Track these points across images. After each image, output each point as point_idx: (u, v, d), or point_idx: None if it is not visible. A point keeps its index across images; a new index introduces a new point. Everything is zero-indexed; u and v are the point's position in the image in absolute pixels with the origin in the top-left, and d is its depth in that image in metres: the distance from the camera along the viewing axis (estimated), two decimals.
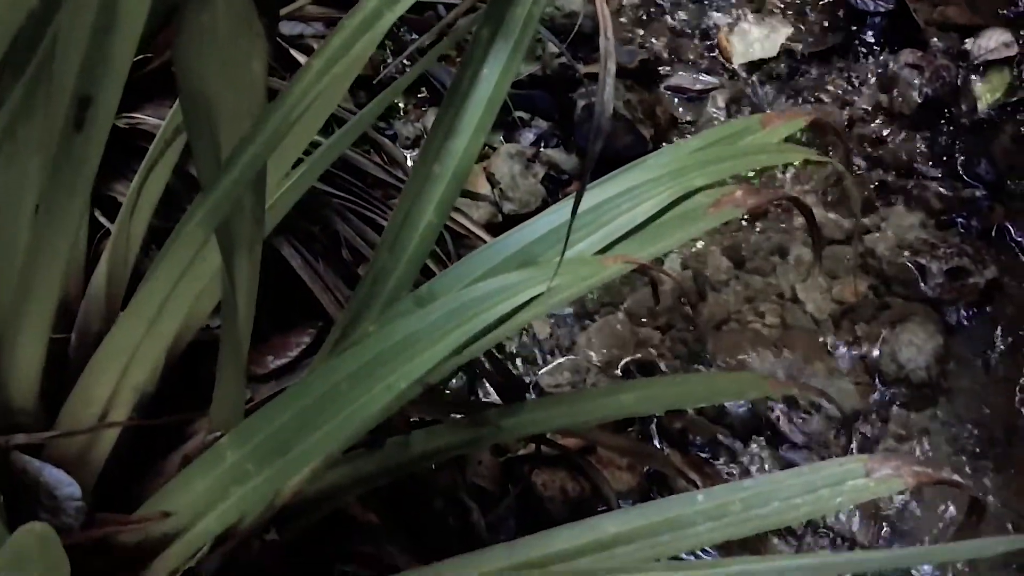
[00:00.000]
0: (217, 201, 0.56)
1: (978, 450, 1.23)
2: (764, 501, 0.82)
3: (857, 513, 1.18)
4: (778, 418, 1.25)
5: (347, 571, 0.89)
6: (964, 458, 1.22)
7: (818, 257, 0.97)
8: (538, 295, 0.69)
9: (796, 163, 1.51)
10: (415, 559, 0.92)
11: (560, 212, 0.78)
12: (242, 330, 0.67)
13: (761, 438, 1.24)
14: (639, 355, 1.30)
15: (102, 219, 0.85)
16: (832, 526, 1.18)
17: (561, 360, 1.29)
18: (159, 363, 0.71)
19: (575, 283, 0.82)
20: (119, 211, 0.80)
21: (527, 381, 1.26)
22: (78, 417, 0.67)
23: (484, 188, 1.37)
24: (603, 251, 0.74)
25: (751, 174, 1.46)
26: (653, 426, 1.24)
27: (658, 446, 1.21)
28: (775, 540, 1.17)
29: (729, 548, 0.93)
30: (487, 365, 1.01)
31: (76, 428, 0.66)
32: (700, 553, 1.05)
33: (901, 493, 1.17)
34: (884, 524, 1.16)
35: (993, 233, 1.40)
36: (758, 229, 1.45)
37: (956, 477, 0.86)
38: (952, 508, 1.17)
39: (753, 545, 1.03)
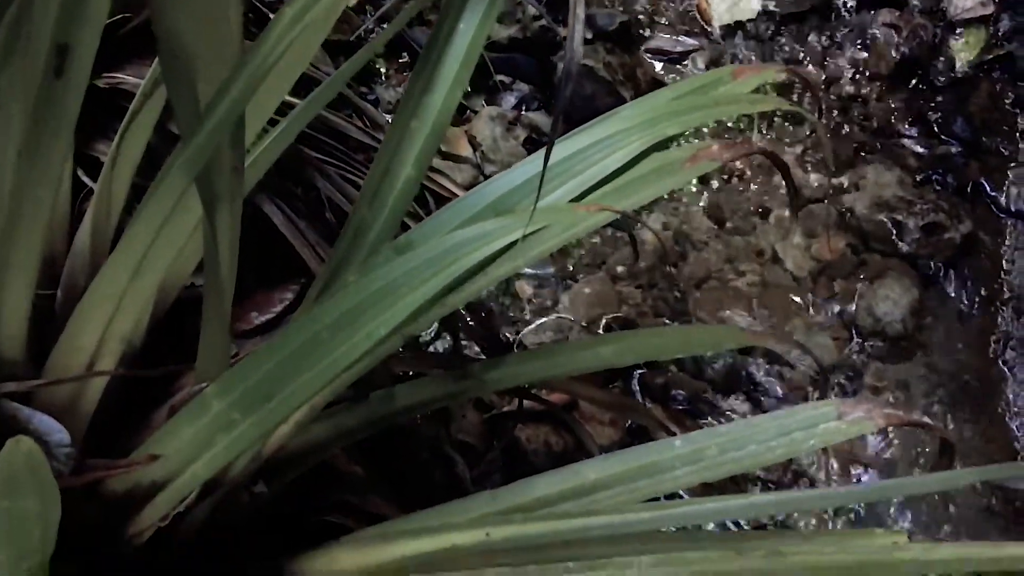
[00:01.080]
0: (196, 149, 0.57)
1: (953, 400, 1.25)
2: (740, 445, 0.85)
3: (836, 466, 1.21)
4: (758, 373, 1.27)
5: (333, 521, 0.91)
6: (939, 408, 1.25)
7: (794, 210, 0.99)
8: (515, 243, 0.71)
9: (776, 125, 1.52)
10: (401, 509, 0.94)
11: (535, 163, 0.79)
12: (225, 281, 0.68)
13: (741, 393, 1.27)
14: (621, 313, 1.32)
15: (85, 179, 0.86)
16: (813, 477, 1.20)
17: (544, 320, 1.31)
18: (144, 314, 0.72)
19: (552, 232, 0.84)
20: (102, 170, 0.81)
21: (511, 340, 1.28)
22: (65, 366, 0.68)
23: (466, 151, 1.38)
24: (578, 199, 0.75)
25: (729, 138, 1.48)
26: (635, 382, 1.26)
27: (640, 401, 1.23)
28: (756, 490, 1.20)
29: (708, 492, 0.95)
30: (469, 320, 1.02)
31: (64, 377, 0.68)
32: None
33: (876, 435, 1.20)
34: (861, 475, 1.19)
35: (969, 189, 1.43)
36: (739, 190, 1.46)
37: (926, 419, 0.89)
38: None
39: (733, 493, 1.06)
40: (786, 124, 1.50)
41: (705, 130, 1.46)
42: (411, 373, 0.97)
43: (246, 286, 0.94)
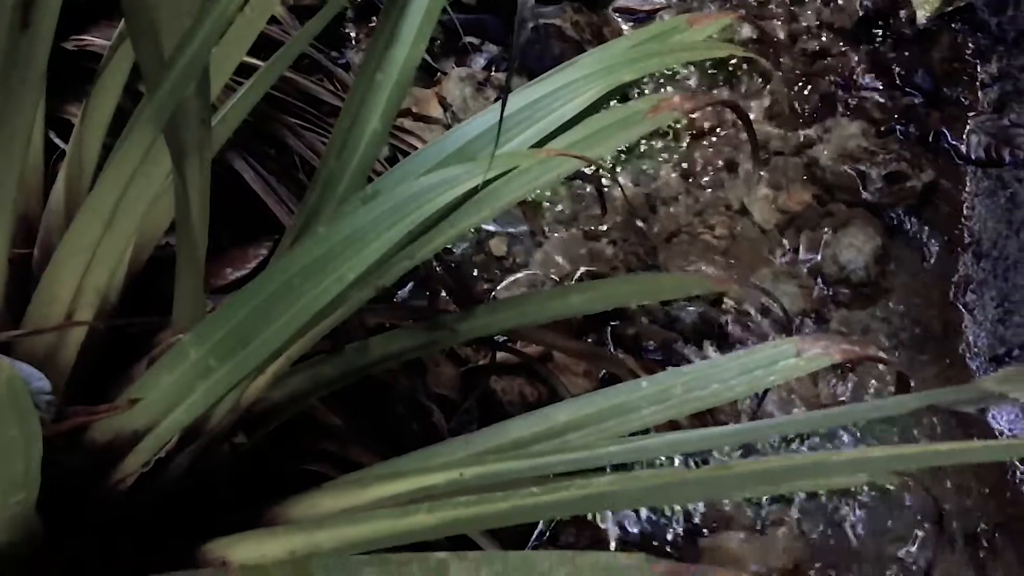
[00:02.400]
0: (162, 100, 0.59)
1: (916, 344, 1.29)
2: (703, 384, 0.88)
3: (802, 407, 1.24)
4: (727, 322, 1.31)
5: (313, 470, 0.93)
6: (903, 351, 1.28)
7: (755, 159, 1.01)
8: (477, 191, 0.73)
9: (743, 81, 1.54)
10: (379, 458, 0.96)
11: (496, 112, 0.81)
12: (197, 232, 0.70)
13: (711, 342, 1.30)
14: (593, 268, 1.34)
15: (57, 140, 0.88)
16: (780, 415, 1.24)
17: (518, 276, 1.33)
18: (119, 267, 0.74)
19: (519, 183, 0.86)
20: (73, 131, 0.83)
21: (485, 296, 1.30)
22: (43, 318, 0.70)
23: (436, 112, 1.40)
24: (539, 146, 0.78)
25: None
26: (608, 334, 1.29)
27: (613, 351, 1.26)
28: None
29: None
30: (439, 270, 1.05)
31: (43, 327, 0.70)
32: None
33: (843, 382, 1.24)
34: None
35: (930, 139, 1.46)
36: (708, 145, 1.49)
37: (881, 354, 0.92)
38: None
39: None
40: (753, 79, 1.52)
41: (670, 88, 1.48)
42: (386, 326, 0.99)
43: (220, 244, 0.96)
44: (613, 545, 1.15)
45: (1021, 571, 1.12)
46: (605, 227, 1.39)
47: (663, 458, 0.98)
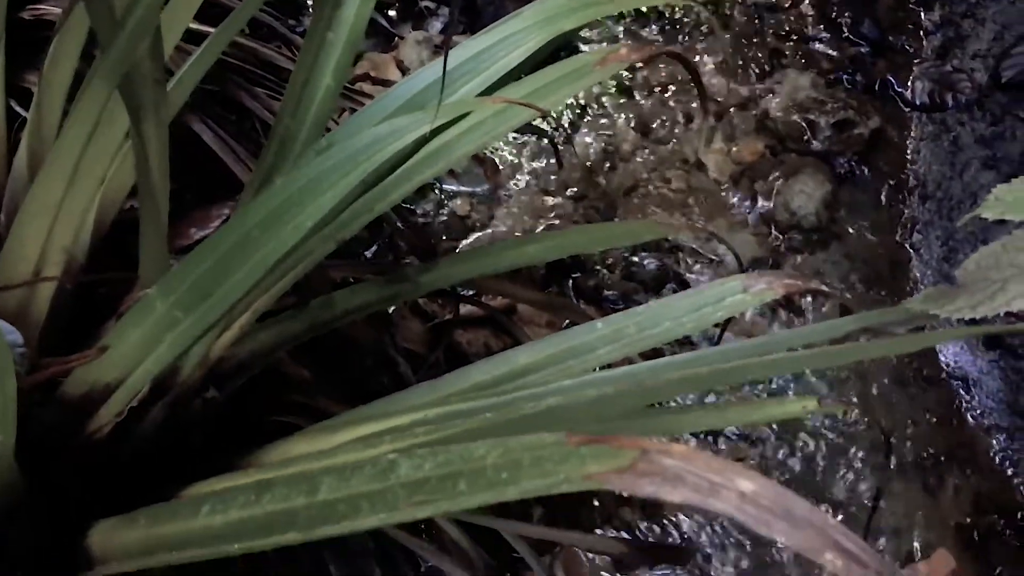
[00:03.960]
0: (116, 56, 0.62)
1: (866, 284, 1.34)
2: (656, 322, 0.91)
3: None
4: (684, 272, 1.35)
5: (283, 421, 0.97)
6: (853, 292, 1.33)
7: (704, 109, 1.05)
8: (426, 142, 0.76)
9: (694, 36, 1.58)
10: (348, 407, 1.00)
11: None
12: (157, 188, 0.73)
13: (670, 290, 1.34)
14: (555, 223, 1.38)
15: (19, 109, 0.90)
16: None
17: (480, 234, 1.36)
18: (84, 225, 0.77)
19: (472, 137, 0.89)
20: (33, 98, 0.85)
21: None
22: (12, 275, 0.73)
23: (395, 76, 1.42)
24: (484, 94, 0.81)
25: None
26: (569, 286, 1.33)
27: (575, 301, 1.30)
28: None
29: None
30: (400, 226, 1.07)
31: (11, 283, 0.72)
32: None
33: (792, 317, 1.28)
34: None
35: (876, 87, 1.50)
36: (663, 101, 1.52)
37: (823, 287, 0.96)
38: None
39: None
40: (705, 34, 1.55)
41: (630, 42, 1.51)
42: (350, 280, 1.02)
43: (184, 206, 0.99)
44: None
45: (966, 495, 1.17)
46: (565, 184, 1.42)
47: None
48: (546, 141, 1.36)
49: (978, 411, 1.22)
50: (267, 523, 0.50)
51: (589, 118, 1.49)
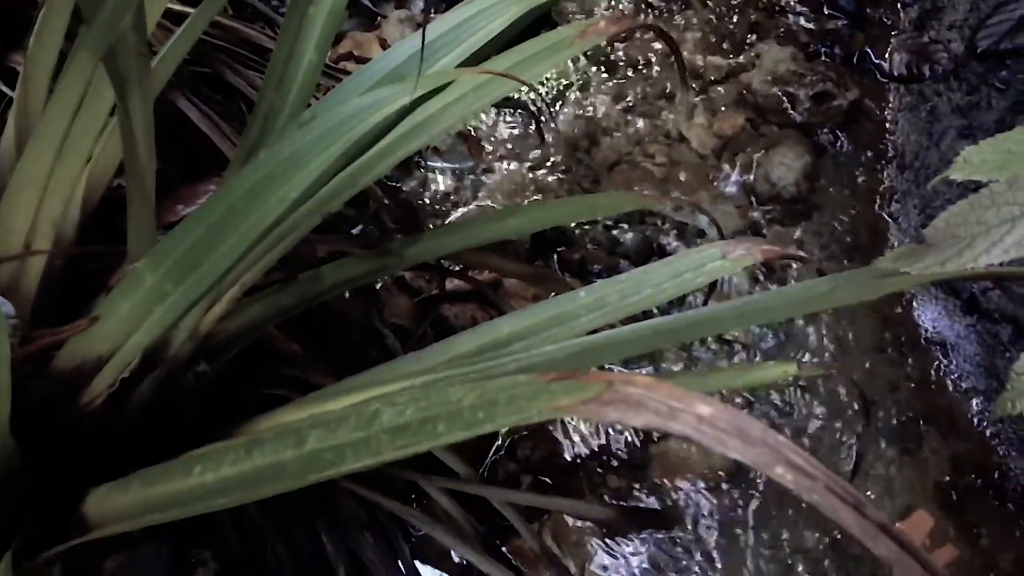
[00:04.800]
0: (100, 28, 0.63)
1: (845, 253, 1.36)
2: (637, 289, 0.93)
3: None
4: (668, 243, 1.37)
5: (274, 393, 0.99)
6: (833, 260, 1.35)
7: (683, 82, 1.06)
8: (412, 110, 0.77)
9: (674, 11, 1.59)
10: (337, 380, 1.02)
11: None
12: (144, 162, 0.74)
13: (653, 262, 1.35)
14: (538, 198, 1.40)
15: (5, 88, 0.91)
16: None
17: (465, 210, 1.38)
18: (72, 199, 0.78)
19: (454, 110, 0.91)
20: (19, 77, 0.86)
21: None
22: (2, 248, 0.74)
23: (378, 54, 1.43)
24: (465, 65, 0.82)
25: None
26: (554, 260, 1.34)
27: (560, 274, 1.32)
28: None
29: None
30: (386, 201, 1.09)
31: (1, 257, 0.73)
32: None
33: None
34: (761, 324, 1.29)
35: (855, 59, 1.52)
36: (645, 77, 1.53)
37: (800, 253, 0.98)
38: (822, 316, 1.31)
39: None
40: (684, 9, 1.56)
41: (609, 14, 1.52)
42: (337, 255, 1.04)
43: (171, 182, 1.00)
44: (565, 458, 1.22)
45: (945, 457, 1.20)
46: (549, 160, 1.43)
47: None
48: (529, 117, 1.37)
49: (956, 375, 1.25)
50: (257, 477, 0.52)
51: (571, 94, 1.50)
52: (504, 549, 1.13)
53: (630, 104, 1.51)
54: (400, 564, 1.06)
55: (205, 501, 0.54)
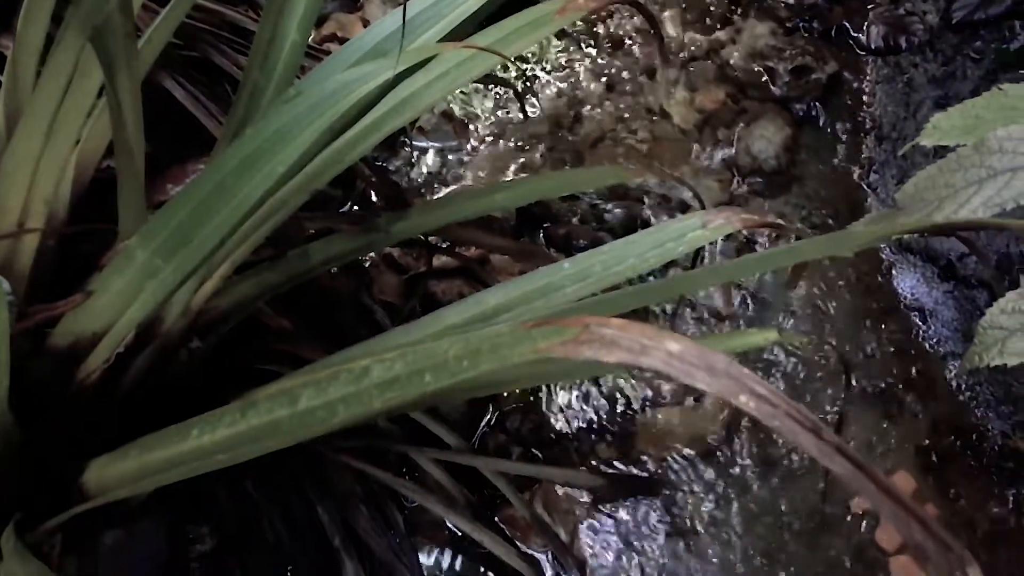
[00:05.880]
0: (88, 8, 0.64)
1: (825, 222, 1.38)
2: (620, 259, 0.95)
3: (720, 294, 1.33)
4: (651, 218, 1.39)
5: (267, 368, 1.00)
6: (815, 232, 1.38)
7: (663, 55, 1.08)
8: (395, 85, 0.79)
9: None
10: (328, 355, 1.03)
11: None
12: (133, 140, 0.76)
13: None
14: (524, 175, 1.41)
15: None
16: (702, 303, 1.33)
17: (452, 188, 1.40)
18: (64, 178, 0.79)
19: (438, 87, 0.92)
20: (7, 61, 0.87)
21: None
22: None
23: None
24: (445, 40, 0.84)
25: None
26: (541, 236, 1.36)
27: (546, 250, 1.33)
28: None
29: None
30: (374, 179, 1.11)
31: None
32: None
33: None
34: (745, 295, 1.32)
35: (833, 33, 1.54)
36: (626, 55, 1.55)
37: (778, 221, 1.01)
38: (803, 287, 1.33)
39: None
40: None
41: None
42: (326, 232, 1.05)
43: (160, 163, 1.01)
44: (554, 430, 1.24)
45: (925, 420, 1.23)
46: (533, 138, 1.45)
47: None
48: (513, 95, 1.39)
49: (934, 340, 1.27)
50: (253, 436, 0.54)
51: (554, 72, 1.52)
52: (496, 519, 1.16)
53: (613, 81, 1.52)
54: (394, 534, 1.09)
55: (203, 460, 0.56)
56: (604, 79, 1.53)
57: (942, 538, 0.33)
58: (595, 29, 1.55)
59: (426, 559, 1.14)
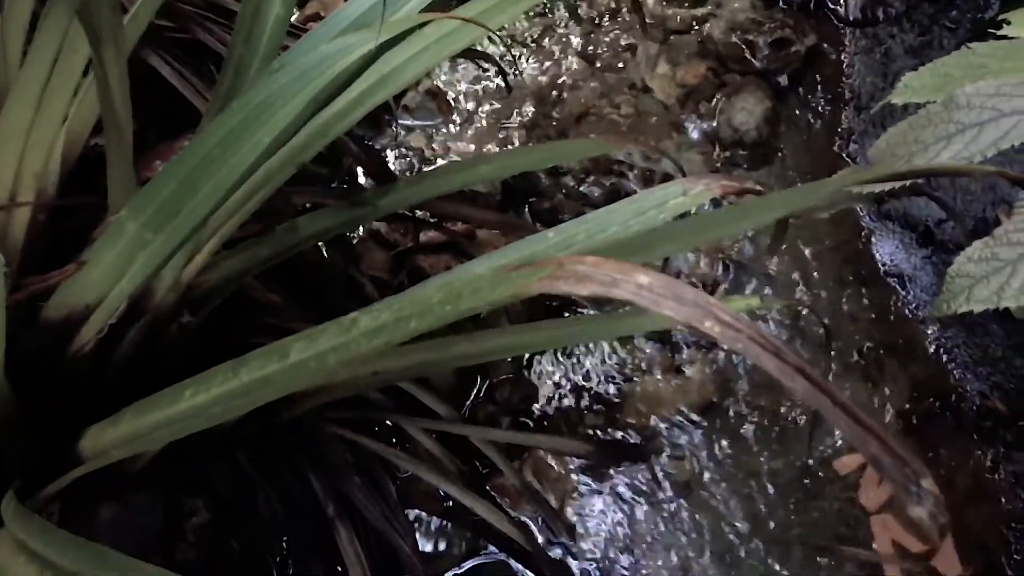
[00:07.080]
0: None
1: None
2: (603, 228, 0.97)
3: (706, 261, 1.35)
4: (635, 191, 1.40)
5: (257, 342, 1.02)
6: None
7: (644, 29, 1.09)
8: (378, 57, 0.80)
9: None
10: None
11: None
12: (121, 115, 0.77)
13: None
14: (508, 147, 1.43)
15: None
16: (688, 271, 1.35)
17: (438, 165, 1.41)
18: (53, 153, 0.81)
19: (421, 61, 0.94)
20: None
21: None
22: None
23: None
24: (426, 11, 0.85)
25: None
26: (526, 210, 1.38)
27: (532, 223, 1.35)
28: None
29: None
30: (362, 155, 1.12)
31: None
32: None
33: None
34: (728, 263, 1.34)
35: (812, 5, 1.55)
36: (607, 31, 1.57)
37: (758, 187, 1.03)
38: (786, 257, 1.36)
39: None
40: None
41: None
42: (313, 207, 1.07)
43: (148, 140, 1.02)
44: (542, 400, 1.26)
45: (905, 383, 1.25)
46: (518, 115, 1.47)
47: None
48: (497, 71, 1.40)
49: (913, 305, 1.30)
50: (246, 391, 0.56)
51: (537, 49, 1.53)
52: (487, 487, 1.18)
53: (596, 57, 1.54)
54: (386, 502, 1.11)
55: (197, 418, 0.57)
56: (587, 55, 1.54)
57: (897, 452, 0.35)
58: (577, 3, 1.57)
59: (419, 527, 1.16)
